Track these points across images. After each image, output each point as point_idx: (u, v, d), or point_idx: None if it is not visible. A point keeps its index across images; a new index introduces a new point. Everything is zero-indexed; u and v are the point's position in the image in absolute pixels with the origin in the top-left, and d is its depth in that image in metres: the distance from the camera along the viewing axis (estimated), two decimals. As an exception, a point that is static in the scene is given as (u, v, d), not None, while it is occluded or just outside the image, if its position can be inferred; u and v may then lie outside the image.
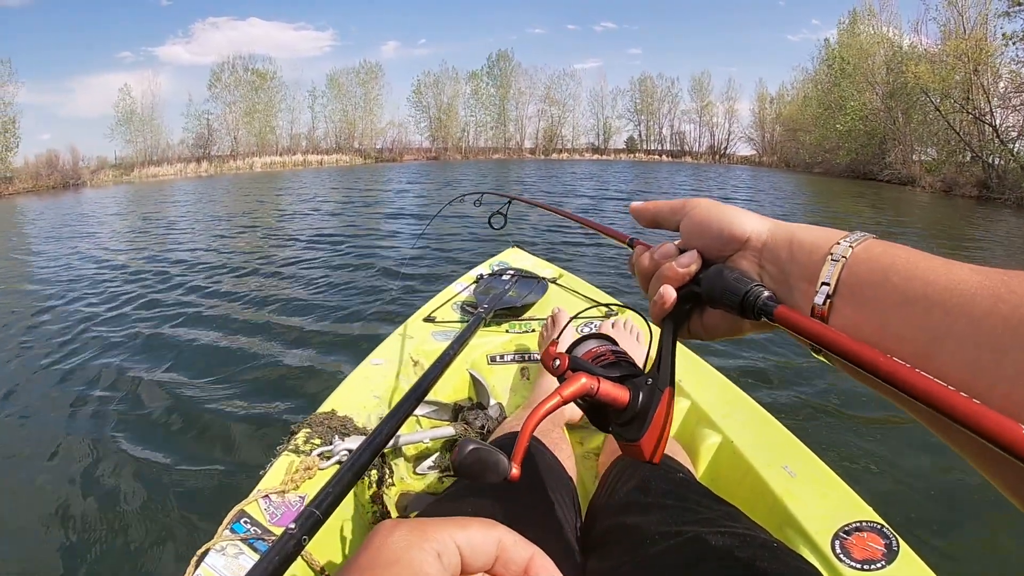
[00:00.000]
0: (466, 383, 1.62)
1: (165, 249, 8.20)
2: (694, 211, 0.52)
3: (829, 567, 0.85)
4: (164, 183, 32.92)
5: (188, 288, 5.66)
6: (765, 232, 0.46)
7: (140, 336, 4.18)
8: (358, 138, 51.98)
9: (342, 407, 1.29)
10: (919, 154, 24.45)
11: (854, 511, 0.94)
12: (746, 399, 1.35)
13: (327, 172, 33.58)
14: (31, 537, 2.02)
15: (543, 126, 54.90)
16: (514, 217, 7.93)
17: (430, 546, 0.29)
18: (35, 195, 28.94)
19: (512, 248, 2.68)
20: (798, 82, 42.21)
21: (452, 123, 53.73)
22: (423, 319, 1.91)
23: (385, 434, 0.97)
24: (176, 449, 2.46)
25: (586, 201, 12.67)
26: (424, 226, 3.70)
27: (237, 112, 48.29)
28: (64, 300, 5.48)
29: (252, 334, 3.97)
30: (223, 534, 0.90)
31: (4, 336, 4.43)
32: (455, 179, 20.82)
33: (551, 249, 6.14)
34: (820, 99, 33.64)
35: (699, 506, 0.78)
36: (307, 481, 1.04)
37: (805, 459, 1.09)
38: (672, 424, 1.32)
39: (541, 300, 2.00)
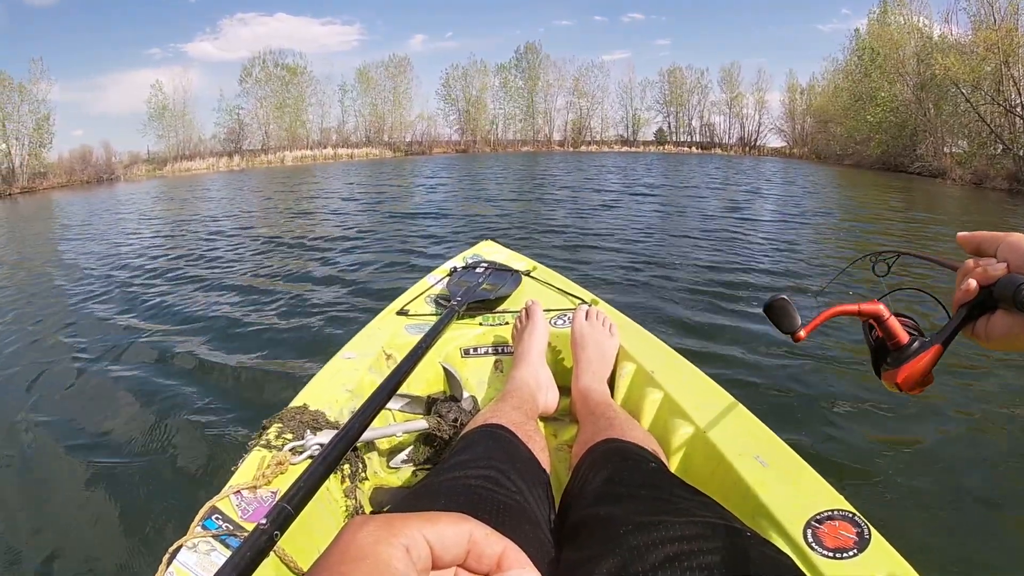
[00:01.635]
0: (439, 376, 1.61)
1: (147, 244, 8.08)
2: (1010, 237, 0.60)
3: (801, 555, 0.85)
4: (196, 177, 33.22)
5: (165, 279, 5.60)
6: None
7: (110, 329, 4.12)
8: (388, 131, 51.93)
9: (314, 401, 1.28)
10: (950, 146, 24.43)
11: (826, 500, 0.95)
12: (719, 390, 1.36)
13: (357, 165, 33.68)
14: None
15: (572, 118, 54.54)
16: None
17: (398, 540, 0.29)
18: (69, 190, 29.22)
19: (486, 241, 2.67)
20: (829, 73, 41.72)
21: (481, 116, 53.50)
22: (396, 312, 1.90)
23: (357, 428, 0.96)
24: (147, 446, 2.43)
25: (612, 195, 12.51)
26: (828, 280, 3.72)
27: (268, 107, 48.51)
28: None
29: (221, 329, 3.93)
30: (195, 531, 0.89)
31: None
32: (482, 172, 20.65)
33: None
34: (851, 90, 33.34)
35: (672, 496, 0.79)
36: (279, 476, 1.03)
37: (777, 449, 1.10)
38: (648, 414, 1.33)
39: (515, 293, 2.00)
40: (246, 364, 3.24)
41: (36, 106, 38.30)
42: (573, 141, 53.74)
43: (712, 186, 14.91)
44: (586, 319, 1.60)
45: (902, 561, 0.83)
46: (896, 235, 7.66)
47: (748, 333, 3.50)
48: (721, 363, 3.02)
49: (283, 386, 2.83)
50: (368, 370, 1.50)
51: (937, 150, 24.60)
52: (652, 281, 4.86)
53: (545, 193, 12.72)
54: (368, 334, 1.74)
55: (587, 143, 53.68)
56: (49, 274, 6.55)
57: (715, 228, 7.71)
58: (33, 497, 2.17)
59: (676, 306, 4.14)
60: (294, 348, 3.46)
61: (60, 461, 2.40)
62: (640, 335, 1.69)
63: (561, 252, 6.10)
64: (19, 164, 35.86)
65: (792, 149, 45.61)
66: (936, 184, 19.54)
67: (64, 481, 2.26)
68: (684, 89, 53.40)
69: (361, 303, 4.39)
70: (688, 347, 3.15)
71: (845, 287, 3.76)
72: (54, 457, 2.44)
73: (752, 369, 2.98)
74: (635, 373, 1.51)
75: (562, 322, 1.76)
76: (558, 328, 1.73)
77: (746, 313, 3.97)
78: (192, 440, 2.45)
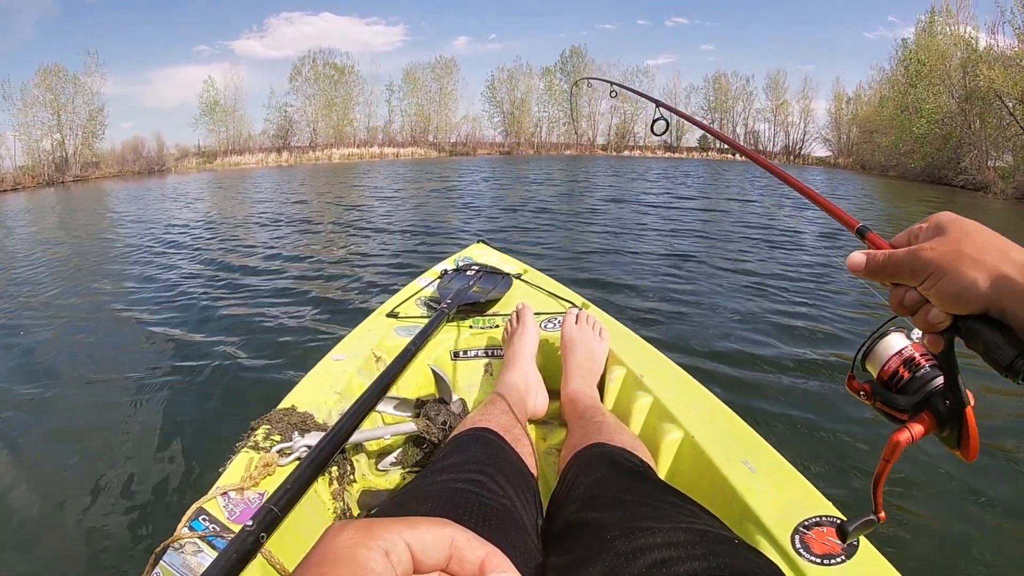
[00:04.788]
0: (429, 379, 1.61)
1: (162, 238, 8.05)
2: (916, 260, 0.55)
3: (789, 562, 0.86)
4: (245, 171, 34.03)
5: (159, 274, 5.59)
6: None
7: (103, 326, 4.11)
8: (433, 132, 52.70)
9: (302, 403, 1.27)
10: (994, 160, 24.22)
11: (814, 506, 0.95)
12: (708, 395, 1.37)
13: (402, 164, 34.09)
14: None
15: (615, 123, 54.78)
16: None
17: (377, 543, 0.29)
18: (120, 179, 29.68)
19: (477, 244, 2.68)
20: (875, 82, 41.58)
21: (525, 118, 53.90)
22: (386, 315, 1.89)
23: (345, 430, 0.96)
24: (134, 446, 2.41)
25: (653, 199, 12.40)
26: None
27: (316, 105, 49.69)
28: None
29: (209, 328, 3.91)
30: (181, 532, 0.88)
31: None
32: (526, 173, 20.60)
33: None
34: (896, 100, 33.03)
35: (659, 502, 0.79)
36: (267, 478, 1.02)
37: (765, 454, 1.11)
38: (637, 419, 1.33)
39: (506, 296, 2.00)
40: (234, 365, 3.22)
41: (90, 98, 39.83)
42: (616, 145, 54.04)
43: (753, 195, 14.68)
44: (576, 323, 1.60)
45: (890, 567, 0.83)
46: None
47: (737, 332, 3.52)
48: (711, 370, 3.03)
49: (271, 387, 2.82)
50: (357, 372, 1.49)
51: (981, 163, 24.30)
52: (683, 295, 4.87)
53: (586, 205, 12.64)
54: (358, 336, 1.74)
55: (630, 148, 53.89)
56: (49, 261, 6.51)
57: (754, 246, 7.27)
58: (18, 497, 2.16)
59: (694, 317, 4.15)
60: (283, 349, 3.44)
61: (45, 460, 2.39)
62: (630, 339, 1.70)
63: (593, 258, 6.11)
64: (72, 153, 37.26)
65: (837, 159, 45.38)
66: (979, 197, 19.48)
67: (49, 481, 2.24)
68: (729, 96, 53.62)
69: (355, 303, 4.38)
70: (678, 350, 3.16)
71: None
72: (39, 455, 2.43)
73: (742, 376, 2.99)
74: (625, 377, 1.51)
75: (552, 325, 1.76)
76: (548, 331, 1.73)
77: (758, 328, 3.98)
78: (179, 441, 2.44)
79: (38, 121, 37.18)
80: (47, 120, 37.49)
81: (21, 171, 33.07)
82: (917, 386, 0.63)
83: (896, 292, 0.57)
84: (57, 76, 38.42)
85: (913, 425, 0.61)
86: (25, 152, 35.63)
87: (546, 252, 6.30)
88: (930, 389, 0.62)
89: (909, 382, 0.64)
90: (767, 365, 3.11)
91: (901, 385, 0.64)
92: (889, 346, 0.66)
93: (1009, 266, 0.48)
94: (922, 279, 0.53)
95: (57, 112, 37.72)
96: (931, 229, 0.54)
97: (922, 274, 0.53)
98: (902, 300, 0.57)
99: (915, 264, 0.53)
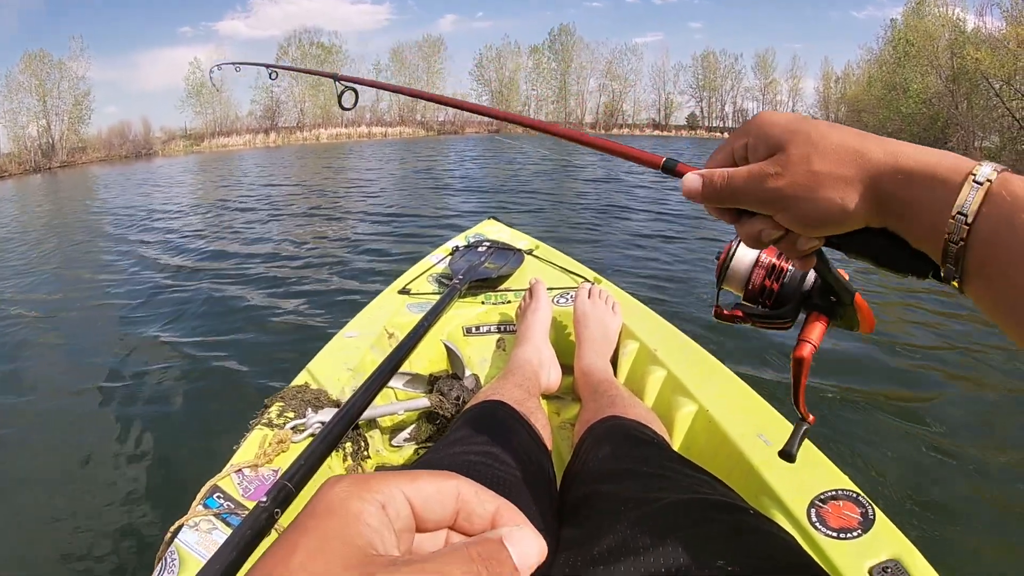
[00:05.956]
0: (442, 355, 1.61)
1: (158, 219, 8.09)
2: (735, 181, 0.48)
3: (804, 535, 0.85)
4: (233, 153, 34.20)
5: (173, 256, 5.61)
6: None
7: (113, 306, 4.14)
8: (421, 111, 52.70)
9: (315, 380, 1.28)
10: (981, 141, 24.01)
11: (830, 479, 0.94)
12: (722, 368, 1.36)
13: (390, 144, 34.18)
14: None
15: (604, 101, 54.85)
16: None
17: (373, 496, 0.27)
18: (108, 164, 29.93)
19: (488, 220, 2.66)
20: (863, 62, 41.39)
21: (513, 97, 53.89)
22: (398, 291, 1.89)
23: (358, 406, 0.95)
24: (149, 425, 2.43)
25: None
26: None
27: (303, 85, 49.54)
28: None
29: (221, 308, 3.93)
30: (196, 509, 0.89)
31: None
32: (516, 152, 20.38)
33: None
34: (884, 80, 32.94)
35: (674, 473, 0.78)
36: (280, 455, 1.03)
37: (781, 428, 1.10)
38: (651, 393, 1.32)
39: (517, 271, 1.99)
40: (247, 343, 3.24)
41: (75, 83, 40.09)
42: (605, 124, 53.92)
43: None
44: (589, 297, 1.59)
45: (907, 542, 0.82)
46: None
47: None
48: (724, 343, 3.01)
49: (285, 365, 2.83)
50: (370, 348, 1.49)
51: (968, 144, 24.06)
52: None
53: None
54: (370, 313, 1.74)
55: (619, 126, 53.83)
56: (55, 243, 6.56)
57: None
58: (35, 476, 2.18)
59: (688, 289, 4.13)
60: (296, 327, 3.46)
61: (60, 440, 2.42)
62: (643, 313, 1.69)
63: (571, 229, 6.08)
64: (58, 139, 37.65)
65: (825, 138, 45.52)
66: None
67: (65, 461, 2.26)
68: (718, 74, 53.40)
69: (365, 282, 4.38)
70: (689, 321, 3.14)
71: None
72: (54, 435, 2.46)
73: (757, 349, 2.97)
74: (638, 351, 1.50)
75: (565, 300, 1.75)
76: (561, 306, 1.72)
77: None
78: (193, 419, 2.46)
79: (24, 107, 37.50)
80: (33, 106, 37.82)
81: (7, 158, 33.29)
82: (791, 291, 0.61)
83: (748, 226, 0.49)
84: (42, 62, 38.65)
85: (808, 333, 0.59)
86: (11, 139, 36.04)
87: (550, 229, 6.27)
88: (807, 288, 0.60)
89: (782, 290, 0.62)
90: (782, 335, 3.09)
91: (775, 297, 0.62)
92: (743, 261, 0.63)
93: (874, 171, 0.42)
94: (777, 210, 0.46)
95: (43, 98, 37.98)
96: (762, 144, 0.46)
97: (774, 205, 0.45)
98: (758, 235, 0.49)
99: (762, 194, 0.46)
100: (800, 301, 0.60)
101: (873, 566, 0.79)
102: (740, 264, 0.62)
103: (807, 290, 0.60)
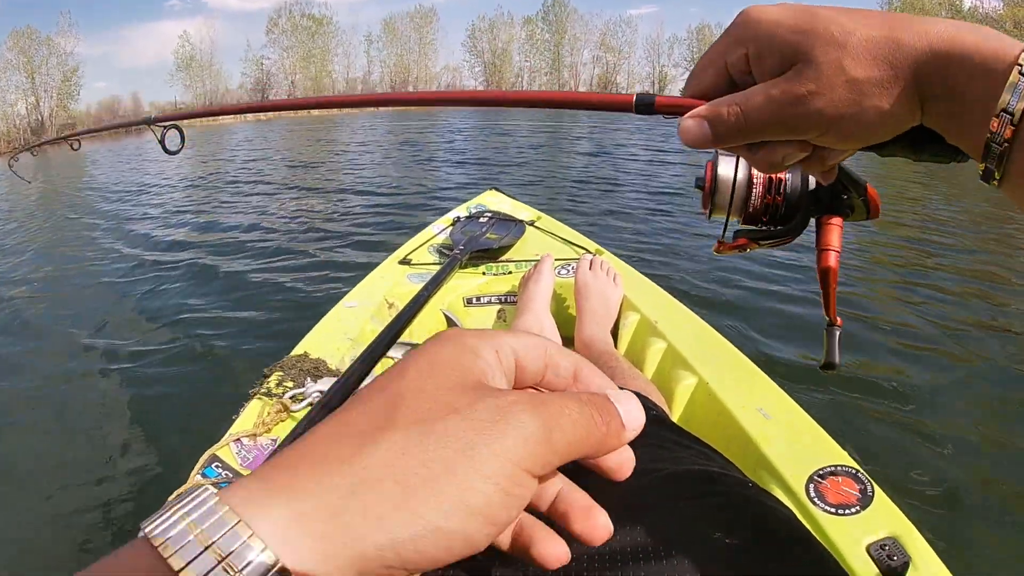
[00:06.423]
0: (442, 325, 1.61)
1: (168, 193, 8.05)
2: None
3: (803, 510, 0.85)
4: (224, 126, 33.83)
5: (172, 229, 5.61)
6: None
7: (110, 279, 4.13)
8: (413, 83, 52.32)
9: (315, 350, 1.27)
10: None
11: (829, 455, 0.94)
12: (723, 341, 1.35)
13: (382, 116, 33.94)
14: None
15: (597, 73, 54.49)
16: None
17: (488, 340, 0.29)
18: (98, 140, 29.78)
19: (490, 191, 2.64)
20: None
21: (506, 68, 53.61)
22: (398, 262, 1.88)
23: (357, 375, 0.95)
24: (148, 395, 2.44)
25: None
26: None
27: (294, 57, 49.68)
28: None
29: (221, 278, 3.93)
30: (195, 479, 0.89)
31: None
32: (511, 124, 20.11)
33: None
34: None
35: (673, 445, 0.78)
36: (279, 424, 1.03)
37: (780, 402, 1.10)
38: (651, 364, 1.32)
39: (519, 243, 1.98)
40: (246, 312, 3.24)
41: (63, 59, 40.02)
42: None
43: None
44: (590, 268, 1.58)
45: (905, 520, 0.82)
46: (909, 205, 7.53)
47: (756, 288, 3.48)
48: (726, 315, 3.00)
49: (284, 335, 2.82)
50: (370, 318, 1.49)
51: None
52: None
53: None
54: (370, 283, 1.73)
55: None
56: (66, 218, 6.54)
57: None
58: (31, 447, 2.19)
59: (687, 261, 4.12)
60: (296, 296, 3.45)
61: (58, 411, 2.42)
62: (644, 285, 1.68)
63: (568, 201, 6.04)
64: (47, 116, 37.88)
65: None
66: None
67: (63, 433, 2.27)
68: None
69: (364, 252, 4.36)
70: (694, 299, 3.13)
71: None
72: (51, 407, 2.46)
73: (755, 322, 2.97)
74: (638, 323, 1.50)
75: (566, 271, 1.75)
76: (562, 277, 1.71)
77: (759, 273, 3.94)
78: (192, 388, 2.47)
79: (12, 85, 37.44)
80: (21, 83, 37.73)
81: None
82: (796, 199, 0.55)
83: (767, 154, 0.40)
84: (30, 39, 38.39)
85: (828, 240, 0.53)
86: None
87: (547, 202, 6.23)
88: (812, 190, 0.55)
89: (786, 203, 0.55)
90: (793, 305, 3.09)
91: (780, 211, 0.56)
92: (733, 180, 0.56)
93: (912, 63, 0.33)
94: (818, 133, 0.37)
95: (31, 75, 37.88)
96: (771, 55, 0.36)
97: (814, 130, 0.36)
98: (780, 162, 0.40)
99: (796, 121, 0.36)
100: (808, 207, 0.54)
101: (871, 543, 0.79)
102: (730, 187, 0.55)
103: (812, 192, 0.54)
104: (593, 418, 0.28)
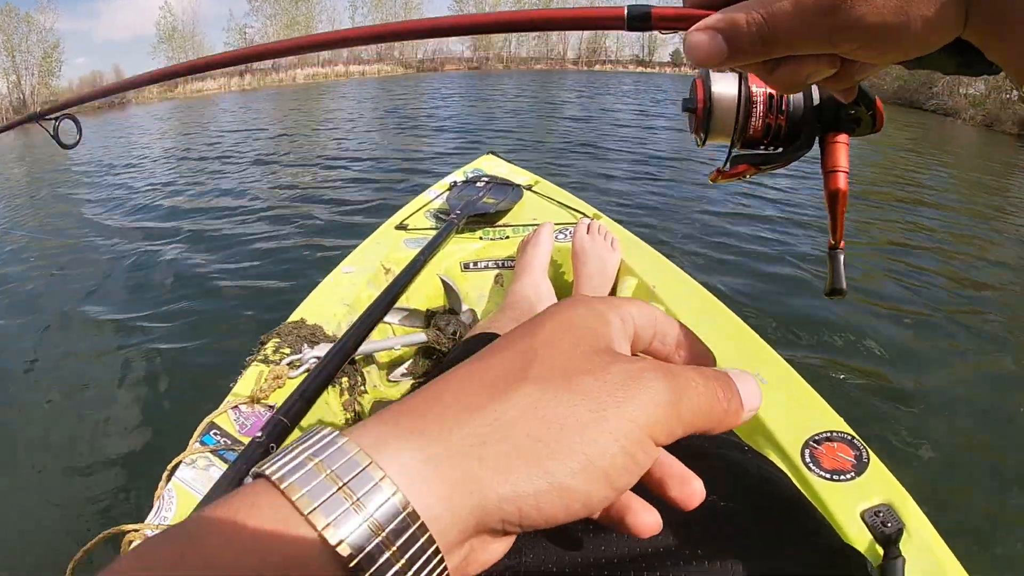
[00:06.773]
0: (439, 290, 1.60)
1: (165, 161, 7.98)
2: None
3: (798, 475, 0.85)
4: (208, 97, 33.49)
5: (165, 195, 5.58)
6: None
7: (109, 248, 4.12)
8: (399, 48, 51.65)
9: (311, 316, 1.27)
10: (966, 87, 23.42)
11: (825, 421, 0.94)
12: (719, 305, 1.35)
13: (368, 83, 33.38)
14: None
15: (586, 37, 53.44)
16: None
17: (615, 309, 0.30)
18: (81, 115, 29.43)
19: (487, 155, 2.62)
20: None
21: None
22: (395, 227, 1.87)
23: (353, 341, 0.95)
24: (146, 364, 2.44)
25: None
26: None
27: (277, 25, 48.92)
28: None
29: (218, 246, 3.92)
30: (193, 447, 0.89)
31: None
32: (500, 89, 19.87)
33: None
34: None
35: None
36: (277, 391, 1.03)
37: (778, 367, 1.09)
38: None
39: (516, 207, 1.97)
40: (243, 280, 3.24)
41: (43, 35, 39.87)
42: (587, 60, 52.76)
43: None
44: (588, 233, 1.57)
45: (899, 487, 0.83)
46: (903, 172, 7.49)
47: (756, 252, 3.48)
48: (725, 279, 3.00)
49: (281, 301, 2.82)
50: (367, 284, 1.48)
51: (953, 90, 23.77)
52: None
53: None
54: (367, 248, 1.72)
55: (601, 62, 52.81)
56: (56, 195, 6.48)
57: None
58: (31, 417, 2.20)
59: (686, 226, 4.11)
60: (292, 263, 3.45)
61: (57, 381, 2.43)
62: (642, 249, 1.67)
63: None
64: (29, 93, 37.60)
65: (811, 78, 45.73)
66: (947, 122, 19.07)
67: (63, 403, 2.28)
68: None
69: (359, 218, 4.34)
70: (694, 263, 3.13)
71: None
72: (51, 375, 2.47)
73: (756, 287, 2.97)
74: (636, 288, 1.49)
75: (563, 236, 1.73)
76: (560, 242, 1.70)
77: (754, 235, 3.94)
78: (190, 356, 2.47)
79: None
80: (2, 62, 37.56)
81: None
82: (799, 117, 0.50)
83: (791, 71, 0.31)
84: (9, 16, 38.15)
85: (835, 160, 0.49)
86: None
87: (541, 166, 6.19)
88: (826, 110, 0.50)
89: (789, 122, 0.50)
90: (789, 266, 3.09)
91: (783, 132, 0.51)
92: (728, 102, 0.50)
93: None
94: (857, 46, 0.28)
95: (11, 53, 37.71)
96: None
97: (851, 41, 0.28)
98: (804, 80, 0.32)
99: (832, 32, 0.28)
100: (813, 125, 0.50)
101: (865, 509, 0.80)
102: (728, 108, 0.50)
103: (816, 108, 0.50)
104: (716, 393, 0.28)
